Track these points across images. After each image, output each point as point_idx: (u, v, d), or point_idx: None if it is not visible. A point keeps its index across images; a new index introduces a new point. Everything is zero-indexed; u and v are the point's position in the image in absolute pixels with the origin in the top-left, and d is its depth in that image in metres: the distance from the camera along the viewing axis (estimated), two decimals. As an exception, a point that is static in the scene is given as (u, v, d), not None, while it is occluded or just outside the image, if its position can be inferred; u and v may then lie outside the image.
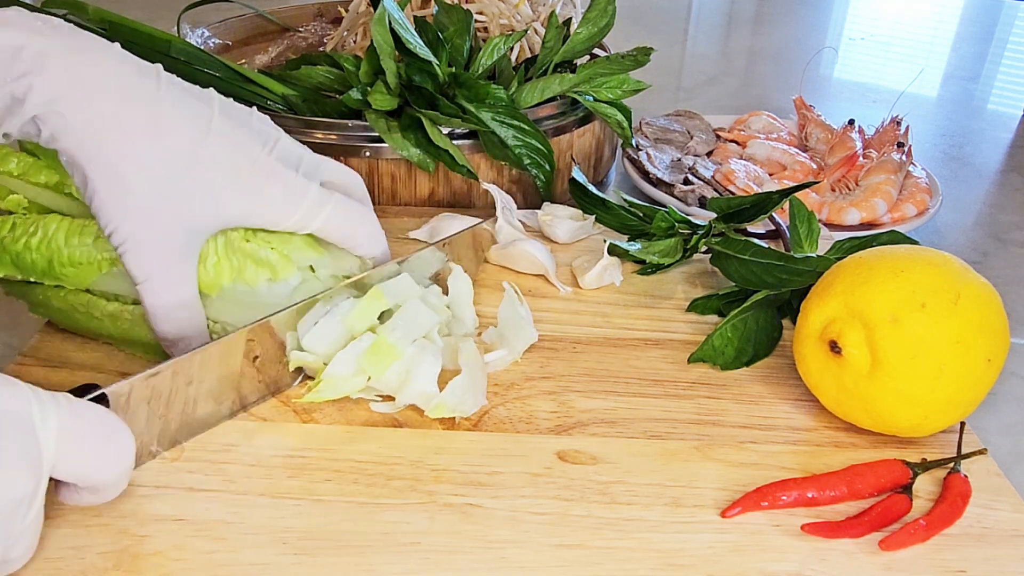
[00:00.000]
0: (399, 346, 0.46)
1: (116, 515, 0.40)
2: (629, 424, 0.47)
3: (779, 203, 0.57)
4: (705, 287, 0.61)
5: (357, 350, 0.46)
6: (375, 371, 0.46)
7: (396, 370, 0.46)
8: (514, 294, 0.54)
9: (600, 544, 0.40)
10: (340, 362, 0.46)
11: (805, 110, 0.89)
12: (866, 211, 0.74)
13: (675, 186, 0.76)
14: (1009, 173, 0.92)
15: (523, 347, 0.52)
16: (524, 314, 0.53)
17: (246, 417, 0.46)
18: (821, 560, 0.40)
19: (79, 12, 0.62)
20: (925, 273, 0.44)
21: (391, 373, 0.46)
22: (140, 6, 1.06)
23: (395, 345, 0.46)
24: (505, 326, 0.53)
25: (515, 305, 0.53)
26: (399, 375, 0.46)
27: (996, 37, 1.44)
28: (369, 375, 0.46)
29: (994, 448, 0.49)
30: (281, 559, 0.38)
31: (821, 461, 0.46)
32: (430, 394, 0.46)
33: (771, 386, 0.51)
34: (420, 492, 0.42)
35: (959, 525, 0.42)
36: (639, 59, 0.69)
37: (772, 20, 1.47)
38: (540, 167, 0.66)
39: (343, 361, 0.46)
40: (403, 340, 0.47)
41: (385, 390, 0.47)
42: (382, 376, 0.46)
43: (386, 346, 0.46)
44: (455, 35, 0.70)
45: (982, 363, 0.43)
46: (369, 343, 0.46)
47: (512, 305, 0.53)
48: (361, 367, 0.46)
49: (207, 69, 0.65)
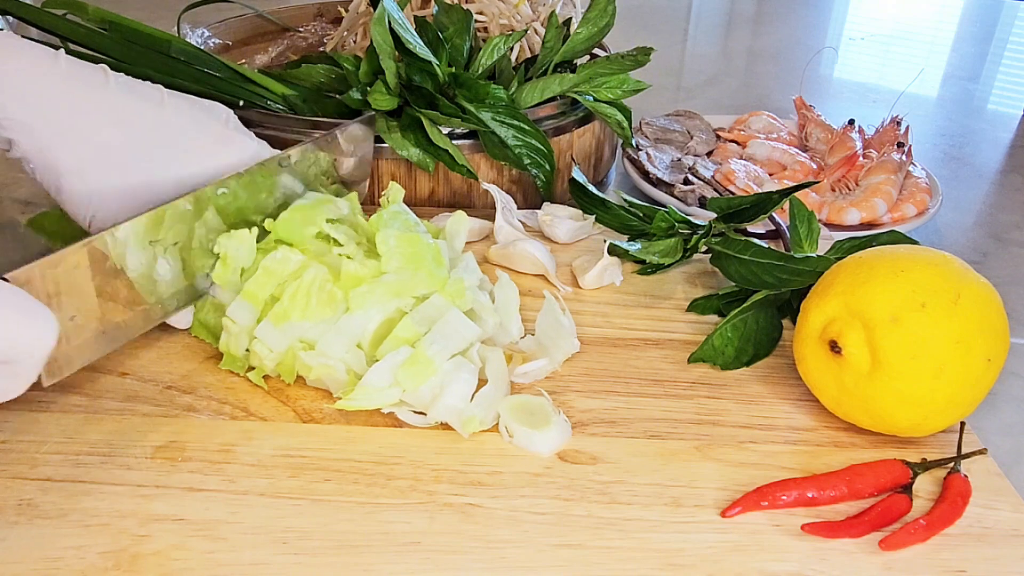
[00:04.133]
0: (436, 361, 0.46)
1: (116, 515, 0.40)
2: (629, 424, 0.47)
3: (779, 203, 0.57)
4: (705, 287, 0.61)
5: (394, 362, 0.46)
6: (410, 385, 0.45)
7: (430, 385, 0.46)
8: (555, 302, 0.52)
9: (600, 544, 0.40)
10: (377, 373, 0.45)
11: (805, 110, 0.90)
12: (866, 211, 0.74)
13: (675, 186, 0.76)
14: (1009, 173, 0.92)
15: (563, 357, 0.51)
16: (566, 323, 0.52)
17: (246, 417, 0.46)
18: (821, 560, 0.40)
19: (79, 12, 0.62)
20: (925, 273, 0.44)
21: (425, 388, 0.46)
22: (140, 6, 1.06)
23: (432, 360, 0.46)
24: (544, 335, 0.52)
25: (556, 314, 0.52)
26: (432, 390, 0.46)
27: (996, 37, 1.44)
28: (404, 388, 0.46)
29: (994, 448, 0.49)
30: (281, 559, 0.38)
31: (821, 461, 0.46)
32: (462, 411, 0.45)
33: (771, 386, 0.51)
34: (420, 492, 0.42)
35: (959, 525, 0.42)
36: (639, 59, 0.69)
37: (772, 20, 1.47)
38: (540, 167, 0.66)
39: (379, 372, 0.45)
40: (441, 354, 0.46)
41: (417, 405, 0.46)
42: (416, 391, 0.46)
43: (423, 360, 0.45)
44: (455, 35, 0.70)
45: (982, 363, 0.43)
46: (406, 356, 0.46)
47: (553, 314, 0.52)
48: (397, 380, 0.45)
49: (207, 69, 0.65)
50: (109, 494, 0.41)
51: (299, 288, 0.47)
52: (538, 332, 0.52)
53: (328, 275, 0.48)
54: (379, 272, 0.48)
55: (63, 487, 0.41)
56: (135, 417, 0.46)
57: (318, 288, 0.47)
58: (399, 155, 0.64)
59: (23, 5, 0.59)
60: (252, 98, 0.66)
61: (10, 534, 0.39)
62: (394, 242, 0.49)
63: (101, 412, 0.46)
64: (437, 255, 0.50)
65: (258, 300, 0.48)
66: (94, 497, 0.41)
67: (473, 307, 0.50)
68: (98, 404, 0.47)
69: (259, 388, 0.48)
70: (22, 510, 0.40)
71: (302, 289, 0.47)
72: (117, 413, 0.46)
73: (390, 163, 0.66)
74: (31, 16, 0.60)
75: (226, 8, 0.91)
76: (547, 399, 0.47)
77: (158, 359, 0.51)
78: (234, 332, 0.48)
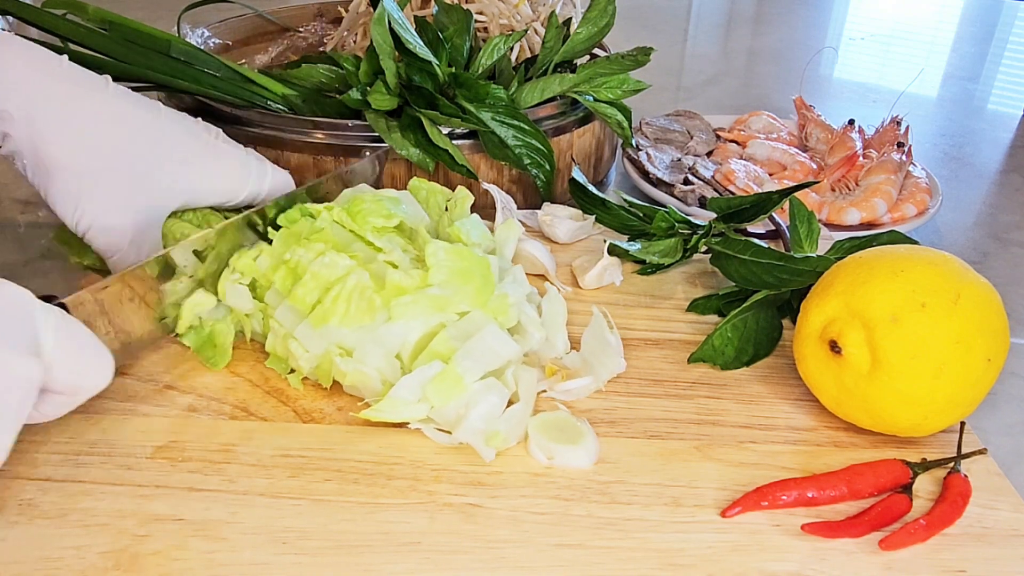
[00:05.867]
0: (466, 378, 0.44)
1: (116, 515, 0.40)
2: (629, 424, 0.47)
3: (779, 203, 0.57)
4: (705, 287, 0.61)
5: (423, 377, 0.45)
6: (438, 401, 0.44)
7: (456, 404, 0.45)
8: (603, 319, 0.51)
9: (600, 544, 0.40)
10: (405, 386, 0.44)
11: (805, 110, 0.89)
12: (866, 211, 0.74)
13: (675, 186, 0.76)
14: (1009, 173, 0.92)
15: (608, 376, 0.50)
16: (613, 342, 0.50)
17: (246, 417, 0.46)
18: (821, 560, 0.40)
19: (79, 12, 0.62)
20: (925, 273, 0.44)
21: (451, 406, 0.44)
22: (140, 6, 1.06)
23: (462, 376, 0.44)
24: (589, 352, 0.50)
25: (603, 331, 0.50)
26: (457, 409, 0.45)
27: (996, 37, 1.44)
28: (432, 404, 0.45)
29: (994, 448, 0.49)
30: (281, 559, 0.38)
31: (821, 461, 0.45)
32: (485, 431, 0.44)
33: (771, 386, 0.51)
34: (420, 492, 0.42)
35: (959, 525, 0.42)
36: (639, 59, 0.69)
37: (772, 20, 1.47)
38: (540, 167, 0.66)
39: (408, 386, 0.44)
40: (472, 371, 0.45)
41: (443, 423, 0.45)
42: (443, 408, 0.45)
43: (453, 376, 0.44)
44: (455, 35, 0.70)
45: (982, 363, 0.43)
46: (437, 371, 0.45)
47: (600, 331, 0.50)
48: (425, 395, 0.45)
49: (207, 69, 0.65)
50: (109, 494, 0.41)
51: (341, 293, 0.46)
52: (583, 348, 0.51)
53: (371, 282, 0.47)
54: (425, 283, 0.47)
55: (63, 487, 0.41)
56: (135, 417, 0.46)
57: (359, 294, 0.46)
58: (399, 155, 0.64)
59: (23, 5, 0.59)
60: (252, 98, 0.66)
61: (10, 534, 0.39)
62: (443, 255, 0.48)
63: (101, 412, 0.46)
64: (487, 271, 0.49)
65: (305, 304, 0.47)
66: (94, 497, 0.41)
67: (519, 320, 0.49)
68: (98, 404, 0.47)
69: (258, 388, 0.48)
70: (22, 510, 0.40)
71: (344, 294, 0.46)
72: (117, 413, 0.46)
73: (390, 163, 0.66)
74: (31, 16, 0.60)
75: (226, 8, 0.91)
76: (565, 411, 0.47)
77: (158, 359, 0.51)
78: (280, 334, 0.48)
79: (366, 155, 0.61)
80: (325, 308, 0.46)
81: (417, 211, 0.55)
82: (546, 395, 0.49)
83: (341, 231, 0.50)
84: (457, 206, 0.56)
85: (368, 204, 0.50)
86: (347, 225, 0.50)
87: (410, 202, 0.55)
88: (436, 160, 0.65)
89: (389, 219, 0.50)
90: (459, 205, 0.56)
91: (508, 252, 0.56)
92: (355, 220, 0.50)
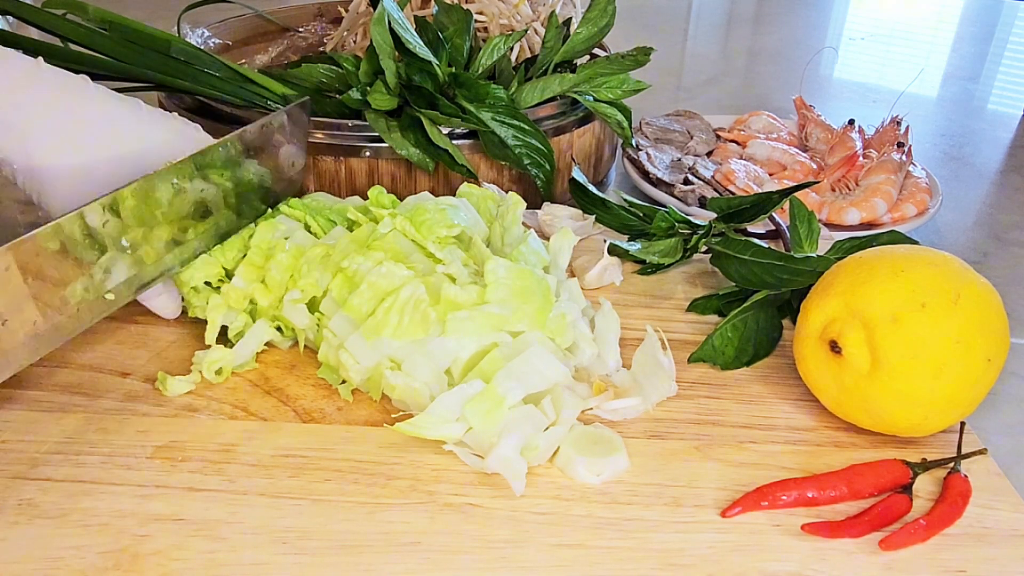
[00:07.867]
0: (508, 399, 0.43)
1: (116, 515, 0.40)
2: (629, 424, 0.47)
3: (779, 203, 0.57)
4: (705, 287, 0.61)
5: (463, 395, 0.43)
6: (476, 421, 0.43)
7: (493, 429, 0.43)
8: (657, 341, 0.50)
9: (600, 544, 0.40)
10: (444, 403, 0.43)
11: (805, 110, 0.89)
12: (866, 211, 0.74)
13: (675, 186, 0.76)
14: (1009, 173, 0.92)
15: (658, 399, 0.48)
16: (666, 364, 0.49)
17: (246, 417, 0.46)
18: (821, 560, 0.40)
19: (79, 12, 0.62)
20: (925, 273, 0.44)
21: (487, 430, 0.43)
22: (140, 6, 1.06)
23: (503, 398, 0.43)
24: (640, 372, 0.49)
25: (656, 352, 0.49)
26: (490, 436, 0.43)
27: (996, 37, 1.44)
28: (471, 425, 0.43)
29: (994, 448, 0.49)
30: (281, 559, 0.38)
31: (821, 461, 0.45)
32: (514, 461, 0.42)
33: (771, 386, 0.51)
34: (420, 492, 0.42)
35: (959, 525, 0.42)
36: (639, 59, 0.69)
37: (772, 20, 1.47)
38: (540, 167, 0.66)
39: (447, 403, 0.43)
40: (514, 392, 0.43)
41: (475, 447, 0.44)
42: (481, 430, 0.43)
43: (494, 396, 0.43)
44: (455, 35, 0.70)
45: (982, 363, 0.43)
46: (477, 390, 0.43)
47: (652, 352, 0.49)
48: (464, 414, 0.43)
49: (207, 69, 0.65)
50: (109, 494, 0.41)
51: (394, 304, 0.45)
52: (634, 368, 0.50)
53: (426, 295, 0.46)
54: (482, 300, 0.46)
55: (63, 487, 0.41)
56: (135, 417, 0.46)
57: (413, 307, 0.45)
58: (399, 155, 0.64)
59: (23, 5, 0.59)
60: (252, 98, 0.66)
61: (10, 534, 0.39)
62: (503, 272, 0.46)
63: (101, 412, 0.46)
64: (547, 293, 0.47)
65: (360, 314, 0.46)
66: (94, 497, 0.41)
67: (574, 330, 0.48)
68: (98, 404, 0.47)
69: (258, 388, 0.48)
70: (22, 510, 0.40)
71: (396, 306, 0.45)
72: (117, 413, 0.46)
73: (390, 163, 0.66)
74: (31, 16, 0.60)
75: (226, 8, 0.91)
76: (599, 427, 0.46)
77: (158, 359, 0.51)
78: (333, 344, 0.47)
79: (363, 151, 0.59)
80: (377, 320, 0.45)
81: (475, 218, 0.54)
82: (591, 412, 0.47)
83: (402, 239, 0.49)
84: (509, 212, 0.55)
85: (431, 213, 0.49)
86: (409, 234, 0.49)
87: (467, 209, 0.54)
88: (436, 160, 0.65)
89: (451, 228, 0.50)
90: (511, 211, 0.55)
91: (563, 261, 0.55)
92: (418, 230, 0.49)
